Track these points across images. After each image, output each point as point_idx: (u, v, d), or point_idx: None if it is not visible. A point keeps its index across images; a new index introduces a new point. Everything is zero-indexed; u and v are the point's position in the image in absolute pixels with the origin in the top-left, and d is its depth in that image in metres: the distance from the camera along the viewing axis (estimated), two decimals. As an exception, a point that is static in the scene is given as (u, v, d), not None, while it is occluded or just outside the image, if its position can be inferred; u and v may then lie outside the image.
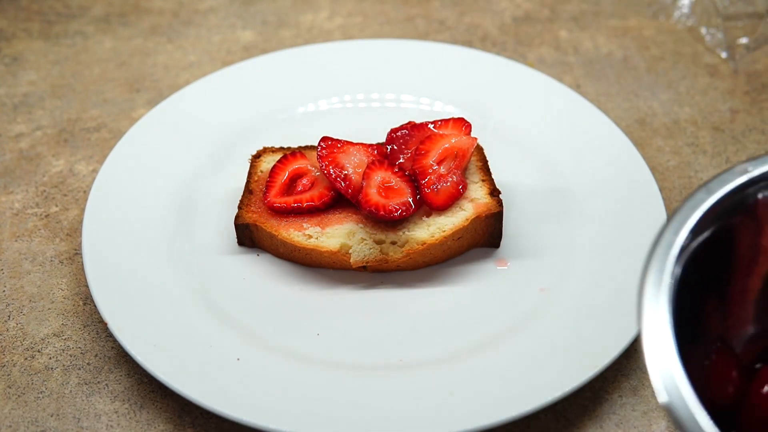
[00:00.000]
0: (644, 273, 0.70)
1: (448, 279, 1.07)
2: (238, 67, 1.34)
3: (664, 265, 0.70)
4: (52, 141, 1.30)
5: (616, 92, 1.38)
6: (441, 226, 1.06)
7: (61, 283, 1.09)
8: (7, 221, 1.17)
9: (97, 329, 1.04)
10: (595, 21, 1.52)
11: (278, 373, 0.95)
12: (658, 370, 0.65)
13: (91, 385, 0.98)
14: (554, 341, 0.97)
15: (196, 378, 0.93)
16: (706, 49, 1.45)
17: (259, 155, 1.18)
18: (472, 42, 1.47)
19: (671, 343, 0.66)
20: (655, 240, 0.72)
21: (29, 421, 0.94)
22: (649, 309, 0.68)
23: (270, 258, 1.10)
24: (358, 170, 1.07)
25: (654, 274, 0.70)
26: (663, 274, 0.70)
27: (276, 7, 1.56)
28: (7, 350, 1.01)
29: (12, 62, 1.44)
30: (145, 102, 1.36)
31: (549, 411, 0.94)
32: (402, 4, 1.56)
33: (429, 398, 0.92)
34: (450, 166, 1.08)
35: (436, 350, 0.99)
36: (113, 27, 1.52)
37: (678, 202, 1.19)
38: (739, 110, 1.34)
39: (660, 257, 0.71)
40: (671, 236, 0.72)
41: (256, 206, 1.10)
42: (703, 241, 0.75)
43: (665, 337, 0.66)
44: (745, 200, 0.77)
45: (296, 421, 0.89)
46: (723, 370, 0.76)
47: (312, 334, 1.01)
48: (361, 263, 1.04)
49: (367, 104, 1.31)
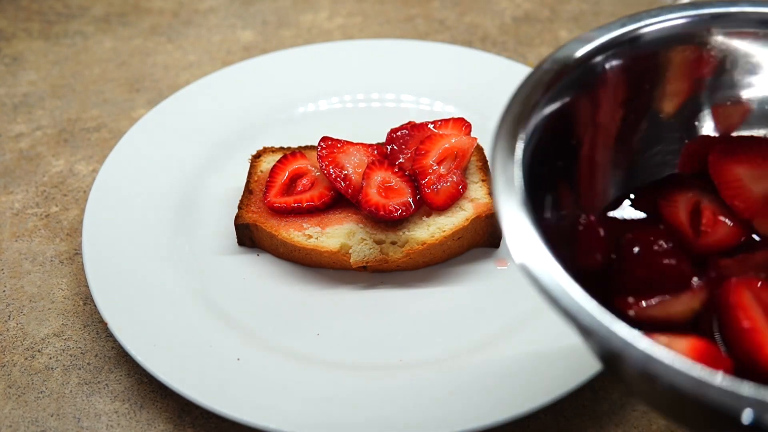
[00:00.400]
0: (494, 146, 0.69)
1: (448, 279, 1.07)
2: (238, 67, 1.34)
3: (515, 139, 0.70)
4: (52, 141, 1.30)
5: (616, 92, 1.38)
6: (441, 226, 1.06)
7: (61, 283, 1.09)
8: (7, 221, 1.17)
9: (97, 329, 1.04)
10: (595, 21, 1.52)
11: (278, 373, 0.95)
12: (515, 237, 0.63)
13: (91, 385, 0.98)
14: (554, 341, 0.97)
15: (196, 378, 0.93)
16: (706, 49, 1.45)
17: (259, 155, 1.18)
18: (472, 42, 1.47)
19: (527, 218, 0.65)
20: (501, 117, 0.72)
21: (29, 421, 0.94)
22: (502, 186, 0.67)
23: (270, 258, 1.10)
24: (358, 170, 1.07)
25: (503, 150, 0.69)
26: (514, 150, 0.69)
27: (276, 7, 1.56)
28: (7, 350, 1.02)
29: (12, 62, 1.44)
30: (145, 102, 1.36)
31: (549, 411, 0.94)
32: (402, 4, 1.56)
33: (429, 398, 0.92)
34: (450, 166, 1.08)
35: (436, 350, 0.99)
36: (113, 27, 1.52)
37: (678, 202, 1.19)
38: (739, 110, 1.34)
39: (507, 130, 0.70)
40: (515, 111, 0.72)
41: (256, 206, 1.10)
42: (548, 115, 0.74)
43: (521, 214, 0.65)
44: (584, 75, 0.76)
45: (296, 421, 0.89)
46: (589, 239, 0.76)
47: (312, 334, 1.01)
48: (361, 263, 1.04)
49: (367, 104, 1.31)
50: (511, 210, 0.65)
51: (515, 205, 0.66)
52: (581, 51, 0.76)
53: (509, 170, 0.68)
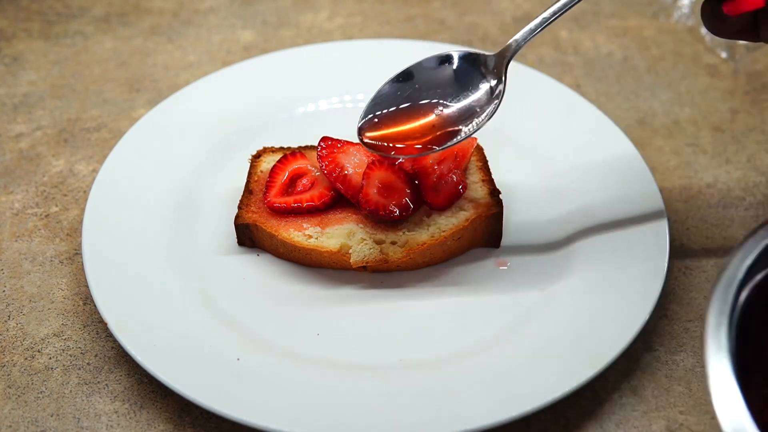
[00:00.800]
0: (708, 305, 0.73)
1: (448, 279, 1.07)
2: (238, 67, 1.34)
3: (727, 296, 0.73)
4: (52, 141, 1.30)
5: (616, 92, 1.38)
6: (441, 226, 1.06)
7: (61, 283, 1.09)
8: (7, 221, 1.17)
9: (97, 329, 1.04)
10: (595, 21, 1.52)
11: (278, 373, 0.95)
12: (722, 403, 0.68)
13: (91, 385, 0.98)
14: (554, 341, 0.97)
15: (196, 378, 0.93)
16: (706, 49, 1.45)
17: (259, 155, 1.18)
18: (472, 42, 1.47)
19: (731, 374, 0.69)
20: (720, 272, 0.76)
21: (29, 421, 0.94)
22: (712, 342, 0.71)
23: (270, 258, 1.10)
24: (358, 170, 1.07)
25: (717, 305, 0.73)
26: (725, 305, 0.73)
27: (276, 7, 1.56)
28: (7, 350, 1.01)
29: (12, 62, 1.44)
30: (145, 102, 1.36)
31: (549, 411, 0.94)
32: (402, 4, 1.56)
33: (429, 398, 0.92)
34: (450, 166, 1.08)
35: (436, 350, 0.99)
36: (113, 27, 1.52)
37: (678, 202, 1.19)
38: (739, 110, 1.34)
39: (723, 289, 0.74)
40: (734, 270, 0.76)
41: (256, 206, 1.10)
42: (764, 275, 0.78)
43: (727, 369, 0.70)
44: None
45: (296, 421, 0.89)
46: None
47: (312, 334, 1.01)
48: (361, 263, 1.04)
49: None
50: (720, 375, 0.69)
51: (725, 370, 0.69)
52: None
53: (721, 333, 0.72)
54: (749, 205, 1.18)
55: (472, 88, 1.02)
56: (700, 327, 1.03)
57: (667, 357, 1.00)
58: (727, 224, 1.16)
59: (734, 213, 1.17)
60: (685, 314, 1.05)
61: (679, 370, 0.99)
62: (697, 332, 1.03)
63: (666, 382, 0.97)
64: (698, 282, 1.08)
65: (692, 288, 1.08)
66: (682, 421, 0.94)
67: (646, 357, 1.00)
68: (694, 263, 1.11)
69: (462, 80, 1.03)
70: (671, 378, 0.98)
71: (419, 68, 1.05)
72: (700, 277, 1.09)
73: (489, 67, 1.02)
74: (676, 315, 1.05)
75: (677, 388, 0.97)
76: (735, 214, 1.17)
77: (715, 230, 1.15)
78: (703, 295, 1.07)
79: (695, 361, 0.99)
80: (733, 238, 1.14)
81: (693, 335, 1.02)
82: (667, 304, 1.06)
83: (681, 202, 1.19)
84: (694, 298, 1.07)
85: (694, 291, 1.07)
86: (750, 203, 1.19)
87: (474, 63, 1.03)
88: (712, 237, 1.14)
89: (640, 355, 1.00)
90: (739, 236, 1.14)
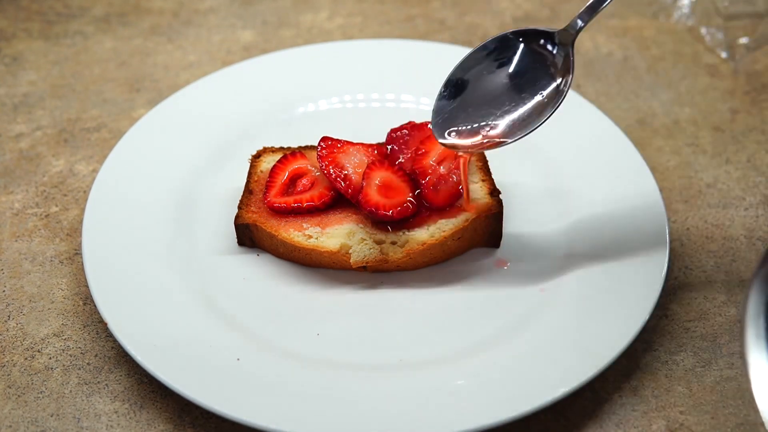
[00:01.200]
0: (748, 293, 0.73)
1: (448, 279, 1.07)
2: (238, 67, 1.34)
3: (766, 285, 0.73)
4: (52, 141, 1.30)
5: (616, 92, 1.38)
6: (441, 226, 1.06)
7: (61, 283, 1.09)
8: (7, 221, 1.17)
9: (97, 329, 1.04)
10: (595, 21, 1.52)
11: (278, 373, 0.95)
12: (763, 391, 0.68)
13: (91, 385, 0.98)
14: (554, 341, 0.97)
15: (196, 378, 0.93)
16: (706, 49, 1.45)
17: (259, 155, 1.18)
18: (472, 42, 1.47)
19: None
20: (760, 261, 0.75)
21: (29, 421, 0.94)
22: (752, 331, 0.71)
23: (270, 258, 1.10)
24: (358, 170, 1.07)
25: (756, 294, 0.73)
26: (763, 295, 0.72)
27: (276, 7, 1.56)
28: (7, 350, 1.02)
29: (12, 62, 1.44)
30: (145, 102, 1.36)
31: (549, 411, 0.94)
32: (402, 4, 1.56)
33: (429, 398, 0.92)
34: (450, 166, 1.08)
35: (436, 350, 0.99)
36: (113, 27, 1.52)
37: (678, 202, 1.19)
38: (739, 110, 1.34)
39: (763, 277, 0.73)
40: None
41: (256, 206, 1.10)
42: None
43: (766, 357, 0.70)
44: None
45: (296, 421, 0.89)
46: None
47: (312, 334, 1.01)
48: (361, 263, 1.04)
49: (367, 104, 1.31)
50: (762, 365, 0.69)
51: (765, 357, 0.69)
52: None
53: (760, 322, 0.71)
54: (749, 205, 1.18)
55: (538, 82, 1.02)
56: (700, 327, 1.03)
57: (667, 357, 1.00)
58: (727, 224, 1.16)
59: (734, 213, 1.17)
60: (685, 314, 1.05)
61: (679, 370, 0.99)
62: (698, 332, 1.03)
63: (666, 382, 0.97)
64: (698, 282, 1.09)
65: (692, 288, 1.08)
66: (682, 421, 0.94)
67: (646, 357, 1.00)
68: (694, 263, 1.11)
69: (528, 70, 1.03)
70: (671, 378, 0.98)
71: (482, 57, 1.05)
72: (700, 277, 1.09)
73: (554, 51, 1.02)
74: (676, 315, 1.05)
75: (677, 388, 0.97)
76: (735, 214, 1.17)
77: (715, 230, 1.15)
78: (703, 295, 1.07)
79: (695, 361, 0.99)
80: (733, 238, 1.14)
81: (693, 335, 1.02)
82: (667, 304, 1.06)
83: (681, 202, 1.19)
84: (694, 298, 1.07)
85: (694, 291, 1.07)
86: (750, 203, 1.19)
87: (540, 47, 1.03)
88: (712, 237, 1.14)
89: (640, 355, 1.00)
90: (739, 236, 1.14)
